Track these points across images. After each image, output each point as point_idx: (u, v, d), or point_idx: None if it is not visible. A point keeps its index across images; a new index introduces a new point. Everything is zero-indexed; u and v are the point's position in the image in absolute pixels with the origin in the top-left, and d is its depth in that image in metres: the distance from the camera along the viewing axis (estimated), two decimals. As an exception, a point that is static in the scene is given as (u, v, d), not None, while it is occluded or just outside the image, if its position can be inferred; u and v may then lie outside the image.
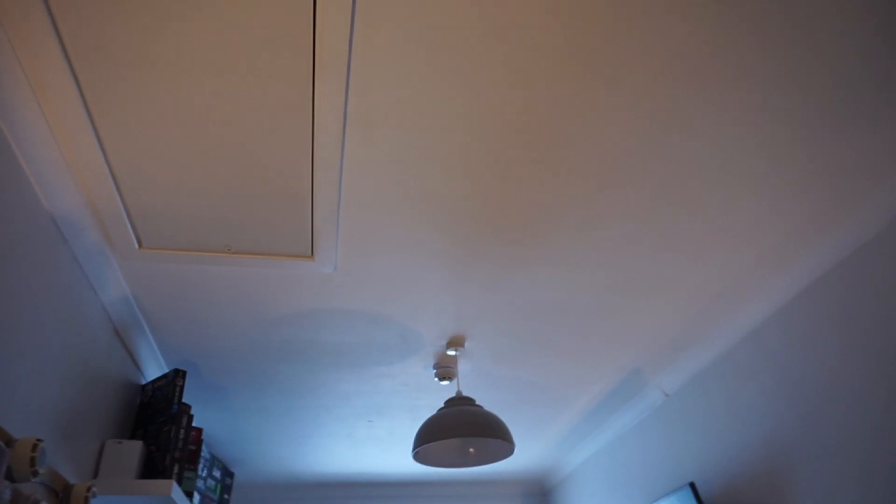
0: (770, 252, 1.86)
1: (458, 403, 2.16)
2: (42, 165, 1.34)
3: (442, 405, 2.25)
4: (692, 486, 2.14)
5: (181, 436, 1.98)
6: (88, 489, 1.50)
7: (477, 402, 2.31)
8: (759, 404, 2.08)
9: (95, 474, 1.82)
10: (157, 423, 2.00)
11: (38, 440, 1.20)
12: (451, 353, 2.31)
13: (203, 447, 2.87)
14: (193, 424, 2.38)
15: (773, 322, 2.04)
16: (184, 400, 2.59)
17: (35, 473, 1.19)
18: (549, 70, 1.25)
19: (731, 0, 1.14)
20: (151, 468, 1.91)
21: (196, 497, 2.69)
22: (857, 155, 1.52)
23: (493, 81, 1.27)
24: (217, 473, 3.07)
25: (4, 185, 1.24)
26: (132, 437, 2.07)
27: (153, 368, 2.26)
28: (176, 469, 1.92)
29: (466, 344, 2.31)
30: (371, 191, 1.54)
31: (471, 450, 2.30)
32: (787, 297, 1.96)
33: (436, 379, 2.47)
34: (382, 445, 3.33)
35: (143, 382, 2.24)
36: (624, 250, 1.82)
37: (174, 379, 2.04)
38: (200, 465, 2.84)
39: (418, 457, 2.21)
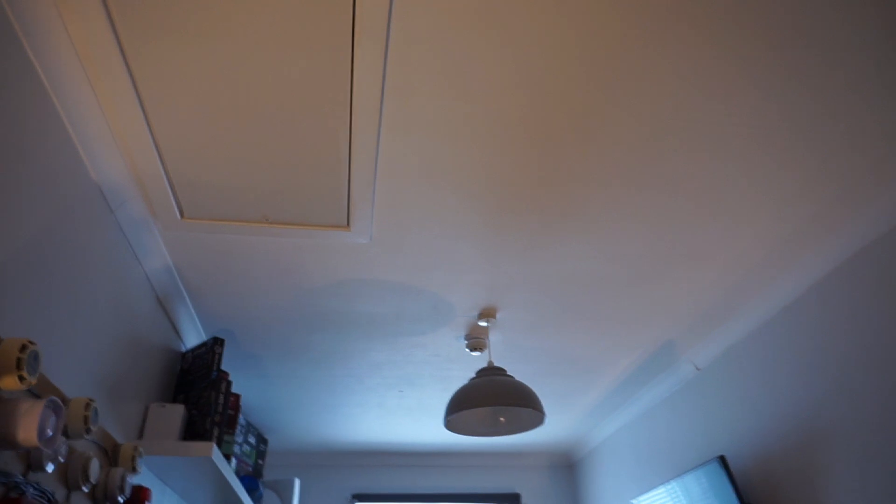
0: (809, 223, 1.83)
1: (490, 373, 2.19)
2: (90, 137, 1.38)
3: (472, 376, 2.28)
4: (722, 459, 2.15)
5: (221, 401, 2.05)
6: (135, 448, 1.57)
7: (508, 373, 2.33)
8: (795, 378, 2.07)
9: (140, 435, 1.89)
10: (198, 388, 2.07)
11: (91, 400, 1.26)
12: (483, 324, 2.33)
13: (239, 414, 2.95)
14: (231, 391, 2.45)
15: (811, 295, 2.02)
16: (222, 367, 2.67)
17: (88, 431, 1.25)
18: (594, 37, 1.24)
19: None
20: (192, 431, 1.98)
21: (233, 461, 2.78)
22: (903, 125, 1.48)
23: (535, 52, 1.26)
24: (252, 440, 3.16)
25: (56, 157, 1.28)
26: (174, 401, 2.14)
27: (192, 336, 2.33)
28: (216, 432, 1.99)
29: (498, 315, 2.33)
30: (407, 161, 1.55)
31: (501, 419, 2.33)
32: (825, 269, 1.94)
33: (467, 350, 2.50)
34: (412, 415, 3.39)
35: (183, 350, 2.31)
36: (659, 218, 1.81)
37: (213, 346, 2.10)
38: (237, 431, 2.93)
39: (450, 425, 2.25)
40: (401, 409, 3.29)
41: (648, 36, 1.24)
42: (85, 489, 1.30)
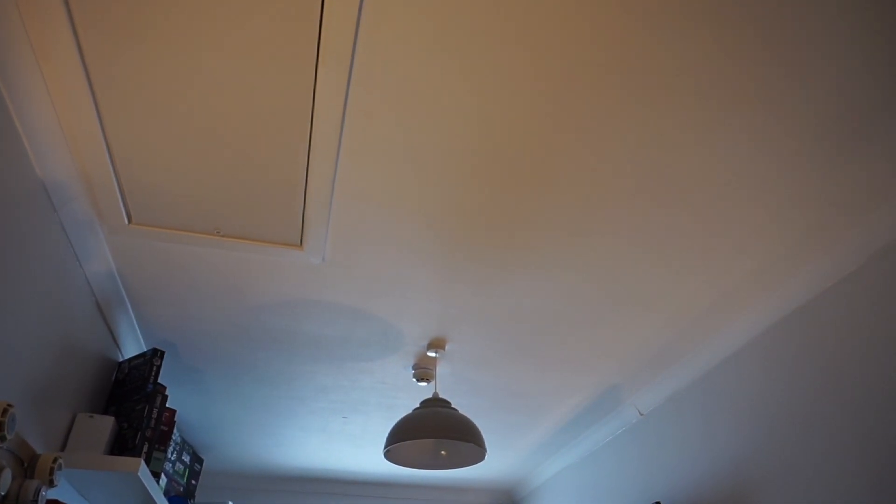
0: (755, 276, 1.88)
1: (434, 405, 2.16)
2: (38, 132, 1.34)
3: (416, 406, 2.25)
4: (658, 505, 2.16)
5: (154, 415, 1.97)
6: (55, 460, 1.49)
7: (453, 406, 2.31)
8: (732, 429, 2.10)
9: (64, 446, 1.80)
10: (131, 401, 1.99)
11: (9, 405, 1.20)
12: (431, 354, 2.32)
13: (174, 430, 2.85)
14: (167, 405, 2.37)
15: (752, 347, 2.06)
16: (160, 380, 2.58)
17: (3, 439, 1.18)
18: (555, 77, 1.27)
19: (738, 23, 1.16)
20: (121, 445, 1.90)
21: (163, 479, 2.67)
22: (844, 185, 1.54)
23: (498, 85, 1.29)
24: (186, 458, 3.05)
25: (-2, 148, 1.24)
26: (105, 412, 2.05)
27: (132, 346, 2.25)
28: (145, 448, 1.91)
29: (447, 346, 2.31)
30: (365, 184, 1.55)
31: (442, 452, 2.30)
32: (767, 323, 1.99)
33: (414, 379, 2.47)
34: (355, 442, 3.33)
35: (121, 359, 2.22)
36: (612, 262, 1.84)
37: (152, 358, 2.03)
38: (170, 449, 2.82)
39: (389, 455, 2.21)
40: (344, 435, 3.22)
41: (609, 85, 1.28)
42: (-7, 500, 1.23)
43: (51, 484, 1.47)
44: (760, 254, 1.78)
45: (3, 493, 1.23)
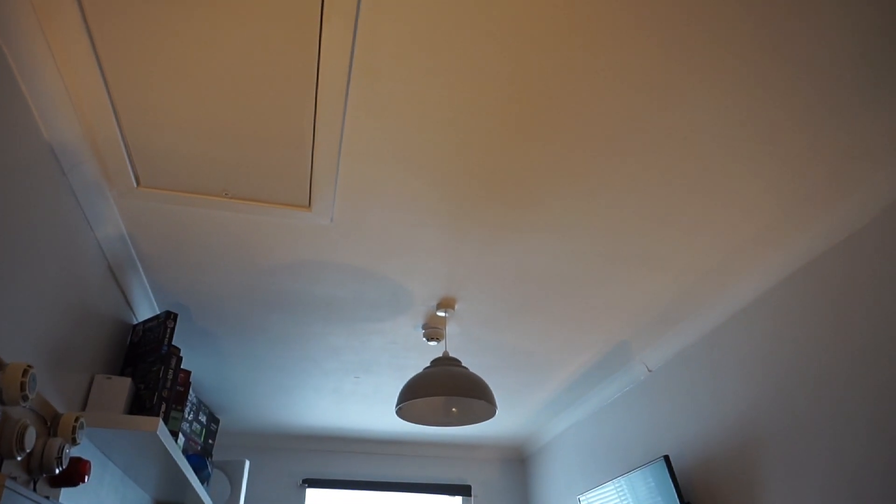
0: (763, 233, 1.87)
1: (444, 363, 2.19)
2: (44, 95, 1.33)
3: (427, 366, 2.28)
4: (666, 458, 2.19)
5: (170, 376, 2.01)
6: (77, 419, 1.53)
7: (463, 364, 2.34)
8: (739, 385, 2.12)
9: (84, 407, 1.85)
10: (147, 362, 2.02)
11: (29, 366, 1.22)
12: (441, 314, 2.34)
13: (190, 391, 2.90)
14: (182, 367, 2.41)
15: (760, 304, 2.07)
16: (173, 343, 2.62)
17: (25, 398, 1.21)
18: (558, 34, 1.25)
19: (748, -27, 1.13)
20: (139, 406, 1.94)
21: (181, 438, 2.73)
22: (855, 139, 1.52)
23: (502, 42, 1.26)
24: (203, 418, 3.12)
25: (5, 113, 1.23)
26: (121, 374, 2.09)
27: (145, 309, 2.28)
28: (163, 408, 1.95)
29: (456, 306, 2.33)
30: (372, 144, 1.54)
31: (453, 409, 2.34)
32: (776, 279, 1.99)
33: (424, 339, 2.50)
34: (367, 402, 3.38)
35: (135, 322, 2.26)
36: (620, 220, 1.83)
37: (165, 320, 2.06)
38: (187, 409, 2.88)
39: (401, 412, 2.25)
40: (356, 395, 3.28)
41: (613, 38, 1.25)
42: (19, 457, 1.26)
43: (73, 442, 1.50)
44: (768, 210, 1.76)
45: (28, 450, 1.27)
